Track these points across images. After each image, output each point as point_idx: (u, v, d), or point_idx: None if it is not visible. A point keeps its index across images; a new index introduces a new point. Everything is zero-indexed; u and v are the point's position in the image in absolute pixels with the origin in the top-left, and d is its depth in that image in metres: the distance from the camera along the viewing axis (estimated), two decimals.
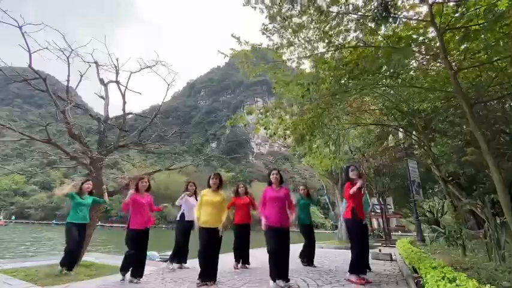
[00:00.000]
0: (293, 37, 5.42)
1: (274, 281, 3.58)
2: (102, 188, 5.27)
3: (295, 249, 5.80)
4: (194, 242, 4.61)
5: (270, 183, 4.04)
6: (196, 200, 4.86)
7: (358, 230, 4.02)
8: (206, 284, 3.76)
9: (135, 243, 4.11)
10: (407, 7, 4.80)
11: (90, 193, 4.89)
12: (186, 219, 5.11)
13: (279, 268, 3.62)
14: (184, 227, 5.11)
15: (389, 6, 3.97)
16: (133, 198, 4.22)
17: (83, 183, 4.82)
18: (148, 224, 4.29)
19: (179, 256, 5.12)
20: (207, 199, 4.05)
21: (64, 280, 4.02)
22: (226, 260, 5.55)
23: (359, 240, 4.01)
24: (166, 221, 54.22)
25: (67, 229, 4.51)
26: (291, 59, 5.77)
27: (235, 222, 5.34)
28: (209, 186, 4.21)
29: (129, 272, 4.07)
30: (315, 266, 5.38)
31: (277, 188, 3.97)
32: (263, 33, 5.43)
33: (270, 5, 5.05)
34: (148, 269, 4.80)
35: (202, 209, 4.02)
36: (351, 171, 4.16)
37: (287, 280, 3.63)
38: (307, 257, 5.54)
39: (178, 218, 5.22)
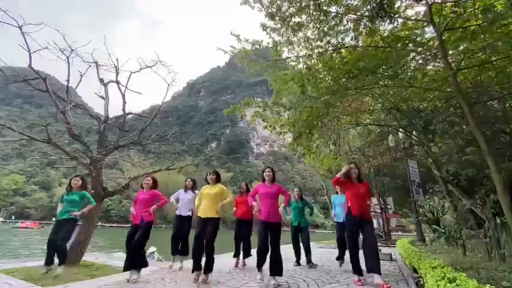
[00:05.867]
0: (292, 36, 5.43)
1: (258, 270, 3.82)
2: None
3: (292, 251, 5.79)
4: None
5: (263, 180, 4.22)
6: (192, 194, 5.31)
7: (349, 226, 3.96)
8: (199, 273, 3.94)
9: (128, 237, 4.20)
10: (404, 7, 4.81)
11: (83, 188, 4.77)
12: (177, 213, 5.24)
13: (263, 261, 3.78)
14: (178, 221, 5.21)
15: (385, 5, 3.96)
16: (136, 196, 4.49)
17: (70, 181, 4.74)
18: (145, 218, 4.25)
19: (176, 251, 5.14)
20: (205, 192, 4.30)
21: (64, 280, 4.02)
22: (225, 260, 5.56)
23: (349, 236, 3.95)
24: (166, 221, 54.23)
25: None
26: (289, 57, 5.78)
27: (236, 216, 5.39)
28: (208, 183, 4.41)
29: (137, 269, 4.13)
30: (314, 266, 5.36)
31: (269, 184, 4.15)
32: (263, 29, 5.43)
33: (268, 4, 5.05)
34: (148, 269, 4.80)
35: (202, 201, 4.27)
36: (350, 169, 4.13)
37: (280, 274, 3.74)
38: (306, 257, 5.50)
39: None
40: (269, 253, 3.80)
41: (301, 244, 5.64)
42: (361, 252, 3.83)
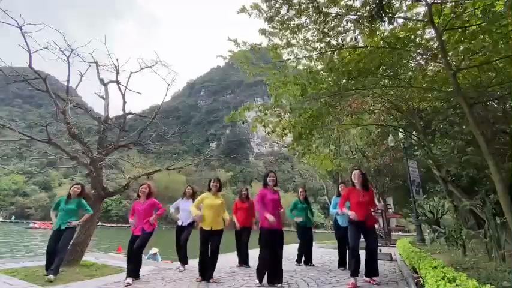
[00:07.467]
0: (291, 38, 5.43)
1: (260, 282, 3.65)
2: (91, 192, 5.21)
3: (292, 251, 5.82)
4: (192, 244, 4.64)
5: (265, 185, 4.04)
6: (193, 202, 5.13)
7: (351, 233, 3.95)
8: (204, 280, 3.97)
9: (129, 245, 4.19)
10: (404, 8, 4.81)
11: (81, 195, 4.69)
12: (179, 224, 5.29)
13: (270, 270, 3.68)
14: (179, 230, 5.28)
15: (384, 5, 3.94)
16: (133, 206, 4.47)
17: (70, 188, 4.67)
18: (147, 228, 4.26)
19: (179, 257, 5.22)
20: (208, 203, 4.19)
21: (64, 280, 4.02)
22: (226, 260, 5.56)
23: (351, 243, 3.92)
24: (166, 221, 54.16)
25: None
26: (290, 59, 5.78)
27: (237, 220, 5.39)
28: (209, 190, 4.33)
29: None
30: (314, 265, 5.41)
31: (273, 190, 4.02)
32: (262, 33, 5.44)
33: (267, 9, 5.05)
34: (148, 269, 4.81)
35: (204, 212, 4.15)
36: (352, 175, 4.07)
37: (280, 282, 3.65)
38: (305, 257, 5.55)
39: None
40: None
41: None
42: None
